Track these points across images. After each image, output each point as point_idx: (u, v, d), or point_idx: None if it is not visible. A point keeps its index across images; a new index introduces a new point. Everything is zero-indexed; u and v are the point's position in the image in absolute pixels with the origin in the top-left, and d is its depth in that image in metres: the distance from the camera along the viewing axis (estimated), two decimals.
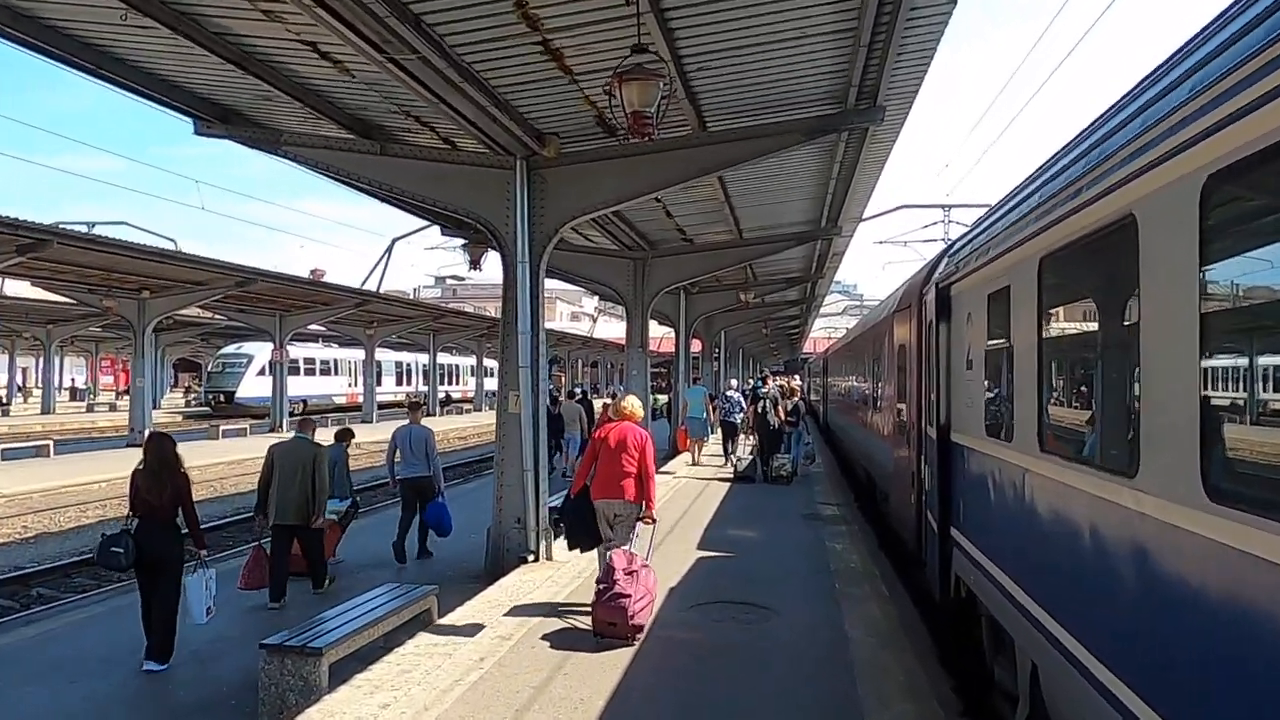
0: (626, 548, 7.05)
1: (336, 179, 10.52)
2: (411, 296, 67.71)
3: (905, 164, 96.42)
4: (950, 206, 30.38)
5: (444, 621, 7.39)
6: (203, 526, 7.65)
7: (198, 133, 10.02)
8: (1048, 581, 4.64)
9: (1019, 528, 5.31)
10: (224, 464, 23.95)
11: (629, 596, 6.53)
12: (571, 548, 7.76)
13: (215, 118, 10.03)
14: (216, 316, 35.53)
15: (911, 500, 9.81)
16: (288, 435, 11.58)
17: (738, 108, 9.57)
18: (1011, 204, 5.85)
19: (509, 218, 9.75)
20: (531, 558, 9.60)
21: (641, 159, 9.70)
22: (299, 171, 12.11)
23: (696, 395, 21.08)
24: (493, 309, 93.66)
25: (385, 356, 56.80)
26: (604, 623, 6.60)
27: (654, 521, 7.40)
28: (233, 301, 30.42)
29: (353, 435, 11.52)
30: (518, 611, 7.54)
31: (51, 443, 24.14)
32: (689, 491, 15.62)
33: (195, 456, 24.50)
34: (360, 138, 10.03)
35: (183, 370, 78.85)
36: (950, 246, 8.88)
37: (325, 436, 10.38)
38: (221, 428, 31.16)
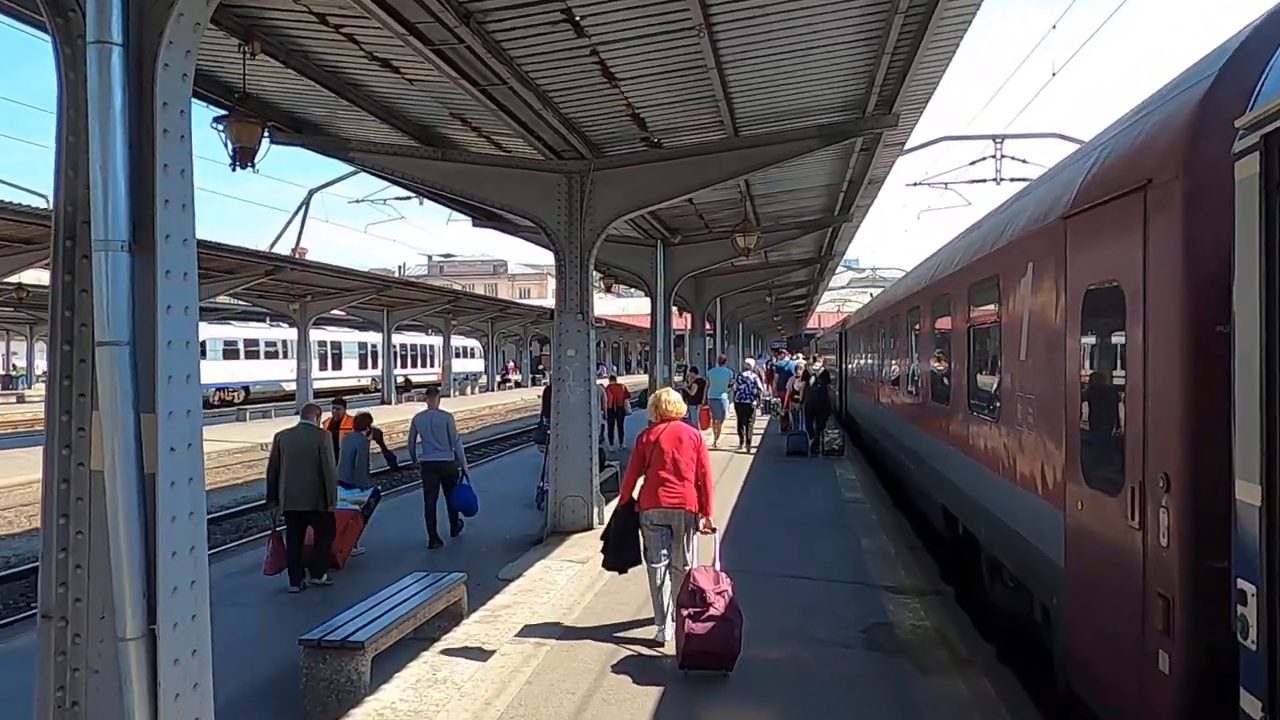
0: (705, 564, 6.33)
1: None
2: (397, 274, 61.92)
3: (944, 100, 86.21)
4: (1004, 137, 23.76)
5: None
6: None
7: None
8: None
9: None
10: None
11: (729, 620, 5.74)
12: (609, 569, 6.88)
13: None
14: None
15: (1163, 671, 3.80)
16: None
17: None
18: None
19: None
20: None
21: None
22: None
23: (721, 376, 21.05)
24: (482, 287, 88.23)
25: (347, 337, 51.55)
26: (702, 654, 5.70)
27: (713, 530, 6.80)
28: None
29: (371, 420, 11.87)
30: None
31: None
32: None
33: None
34: None
35: None
36: None
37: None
38: None
